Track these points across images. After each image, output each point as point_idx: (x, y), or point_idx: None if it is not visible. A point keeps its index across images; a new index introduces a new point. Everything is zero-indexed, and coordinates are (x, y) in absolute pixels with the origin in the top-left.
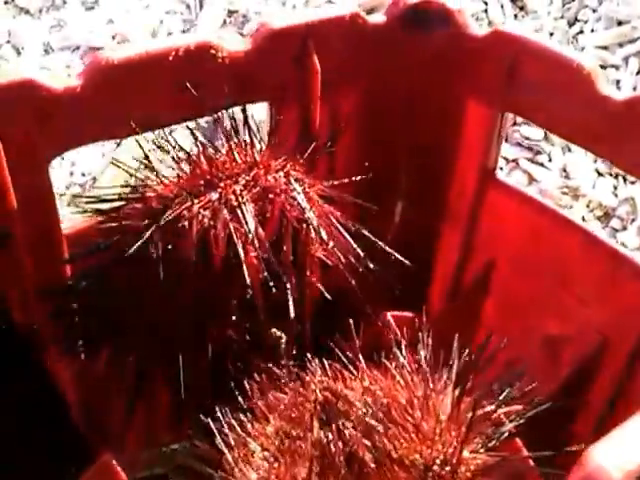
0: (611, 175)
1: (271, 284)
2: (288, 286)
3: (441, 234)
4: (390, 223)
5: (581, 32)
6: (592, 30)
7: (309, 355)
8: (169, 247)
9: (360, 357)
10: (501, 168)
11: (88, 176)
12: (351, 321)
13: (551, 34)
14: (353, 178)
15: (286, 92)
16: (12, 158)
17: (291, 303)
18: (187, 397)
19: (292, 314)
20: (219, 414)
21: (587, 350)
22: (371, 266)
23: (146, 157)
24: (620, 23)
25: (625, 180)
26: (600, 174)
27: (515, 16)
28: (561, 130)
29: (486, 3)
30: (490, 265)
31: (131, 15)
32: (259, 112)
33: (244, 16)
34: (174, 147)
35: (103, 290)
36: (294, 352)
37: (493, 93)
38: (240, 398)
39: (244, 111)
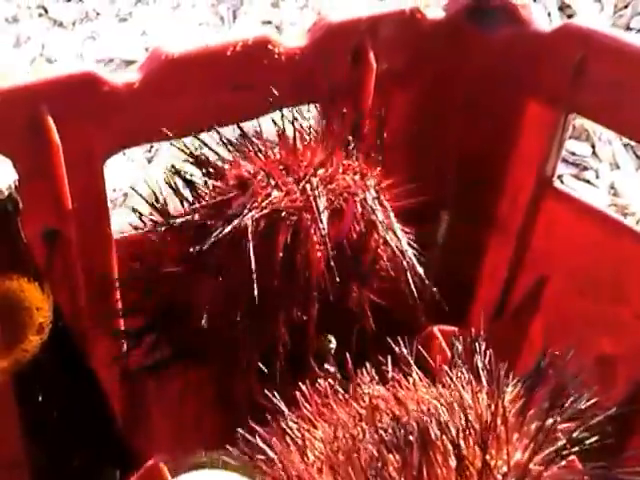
0: None
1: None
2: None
3: (490, 248)
4: (435, 234)
5: None
6: None
7: (358, 364)
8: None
9: (413, 368)
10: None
11: (119, 192)
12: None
13: None
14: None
15: (340, 91)
16: (69, 157)
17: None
18: (237, 403)
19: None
20: (269, 420)
21: None
22: (424, 279)
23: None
24: None
25: None
26: None
27: None
28: (631, 132)
29: None
30: (542, 281)
31: (164, 27)
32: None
33: (277, 27)
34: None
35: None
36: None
37: (558, 92)
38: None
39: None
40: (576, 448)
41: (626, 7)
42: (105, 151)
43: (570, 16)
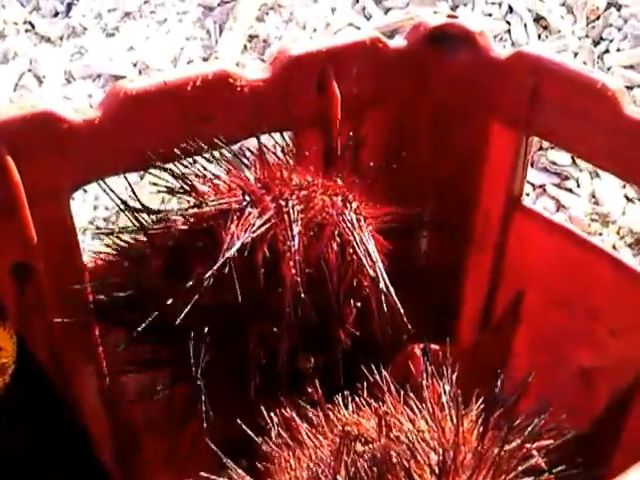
0: None
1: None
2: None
3: (469, 264)
4: (416, 253)
5: (607, 51)
6: (618, 49)
7: (335, 386)
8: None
9: (388, 389)
10: (527, 194)
11: (112, 210)
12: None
13: (575, 54)
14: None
15: (307, 120)
16: (32, 191)
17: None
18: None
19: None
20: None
21: (623, 382)
22: (396, 301)
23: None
24: None
25: None
26: (630, 200)
27: (539, 36)
28: (586, 154)
29: (509, 23)
30: (520, 295)
31: (151, 42)
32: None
33: (264, 41)
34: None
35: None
36: (322, 381)
37: (516, 116)
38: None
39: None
40: (547, 467)
41: (598, 19)
42: (70, 186)
43: (545, 27)
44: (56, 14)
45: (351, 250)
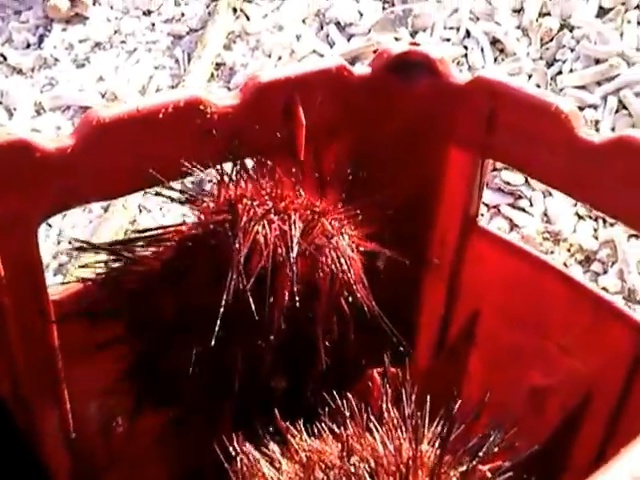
0: (591, 218)
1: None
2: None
3: (426, 284)
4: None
5: (560, 72)
6: (571, 70)
7: (299, 410)
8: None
9: (350, 413)
10: (482, 215)
11: (76, 244)
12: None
13: (529, 76)
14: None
15: (274, 145)
16: (1, 221)
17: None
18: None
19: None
20: None
21: (573, 400)
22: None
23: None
24: (598, 61)
25: (605, 222)
26: (580, 217)
27: (495, 59)
28: (540, 175)
29: (466, 47)
30: (475, 316)
31: (121, 71)
32: None
33: (231, 69)
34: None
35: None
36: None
37: (473, 140)
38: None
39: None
40: None
41: (551, 40)
42: (39, 216)
43: (502, 50)
44: (28, 45)
45: (341, 274)
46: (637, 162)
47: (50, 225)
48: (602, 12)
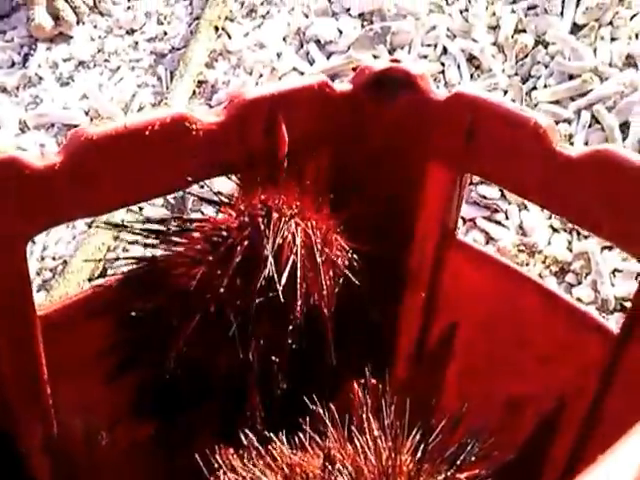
0: (565, 231)
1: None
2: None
3: (404, 298)
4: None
5: (534, 88)
6: (545, 85)
7: (281, 421)
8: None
9: (332, 424)
10: (458, 228)
11: (59, 260)
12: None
13: (505, 92)
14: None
15: (256, 161)
16: None
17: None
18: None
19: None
20: None
21: (547, 409)
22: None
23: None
24: (572, 77)
25: (579, 235)
26: (555, 230)
27: (472, 75)
28: (518, 189)
29: (443, 64)
30: (453, 328)
31: (104, 89)
32: None
33: (213, 86)
34: None
35: None
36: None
37: (452, 155)
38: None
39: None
40: None
41: (526, 57)
42: (27, 233)
43: (478, 67)
44: (13, 64)
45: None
46: (612, 175)
47: (34, 242)
48: (576, 28)
